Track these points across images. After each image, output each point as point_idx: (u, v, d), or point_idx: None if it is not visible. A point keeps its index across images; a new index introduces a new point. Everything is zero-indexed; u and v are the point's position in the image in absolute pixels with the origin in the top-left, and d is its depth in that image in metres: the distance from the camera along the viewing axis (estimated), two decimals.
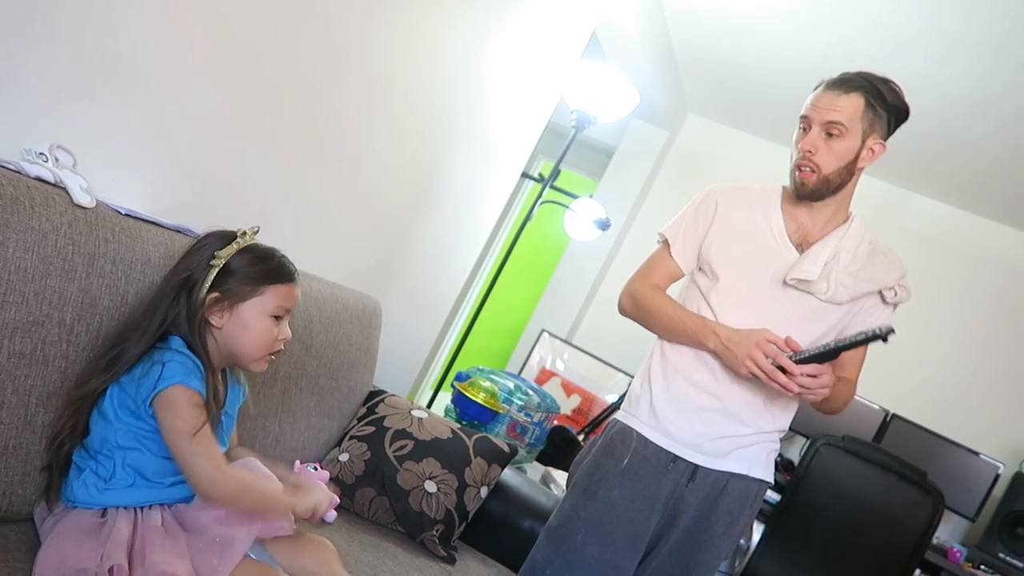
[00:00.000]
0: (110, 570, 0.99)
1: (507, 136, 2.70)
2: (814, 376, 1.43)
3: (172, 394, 1.10)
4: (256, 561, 1.18)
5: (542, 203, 3.02)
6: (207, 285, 1.18)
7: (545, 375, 3.82)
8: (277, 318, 1.24)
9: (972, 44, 2.59)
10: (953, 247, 3.93)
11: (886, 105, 1.50)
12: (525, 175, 3.13)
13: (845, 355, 1.59)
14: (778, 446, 1.66)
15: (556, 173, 3.00)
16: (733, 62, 3.47)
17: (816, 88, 1.55)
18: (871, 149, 1.53)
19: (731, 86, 3.78)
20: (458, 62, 2.21)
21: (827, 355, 1.43)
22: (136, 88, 1.32)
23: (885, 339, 1.38)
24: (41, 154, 1.15)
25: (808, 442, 3.06)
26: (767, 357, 1.44)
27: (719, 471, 1.59)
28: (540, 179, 3.04)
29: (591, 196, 3.34)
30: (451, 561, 1.79)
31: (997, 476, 3.40)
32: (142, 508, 1.12)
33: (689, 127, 4.44)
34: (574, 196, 3.16)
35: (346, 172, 1.99)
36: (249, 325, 1.21)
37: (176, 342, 1.17)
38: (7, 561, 1.02)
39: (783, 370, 1.44)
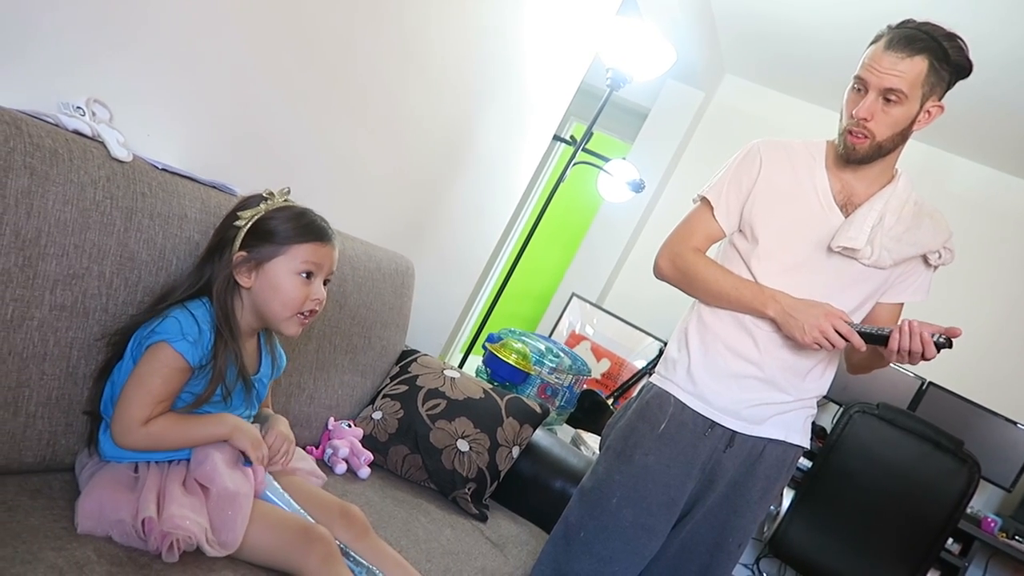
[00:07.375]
0: (143, 522, 1.02)
1: (540, 96, 2.65)
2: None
3: (156, 348, 1.12)
4: (284, 510, 1.19)
5: (575, 164, 2.97)
6: (236, 246, 1.20)
7: (575, 339, 3.81)
8: (309, 276, 1.23)
9: None
10: (994, 211, 3.81)
11: (949, 65, 1.41)
12: (557, 137, 3.08)
13: (888, 313, 1.59)
14: (815, 411, 1.63)
15: (589, 135, 2.95)
16: (772, 17, 3.37)
17: (875, 42, 1.44)
18: (928, 111, 1.45)
19: (770, 44, 3.68)
20: (492, 19, 2.17)
21: (880, 340, 1.40)
22: (170, 45, 1.31)
23: (948, 346, 1.37)
24: (78, 108, 1.15)
25: (841, 409, 3.02)
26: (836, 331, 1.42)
27: (757, 437, 1.57)
28: (572, 141, 2.99)
29: (624, 159, 3.28)
30: (483, 519, 1.81)
31: None
32: (168, 463, 1.14)
33: (726, 88, 4.33)
34: (606, 159, 3.11)
35: (379, 130, 1.97)
36: (276, 284, 1.20)
37: (197, 303, 1.18)
38: (52, 509, 1.05)
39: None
